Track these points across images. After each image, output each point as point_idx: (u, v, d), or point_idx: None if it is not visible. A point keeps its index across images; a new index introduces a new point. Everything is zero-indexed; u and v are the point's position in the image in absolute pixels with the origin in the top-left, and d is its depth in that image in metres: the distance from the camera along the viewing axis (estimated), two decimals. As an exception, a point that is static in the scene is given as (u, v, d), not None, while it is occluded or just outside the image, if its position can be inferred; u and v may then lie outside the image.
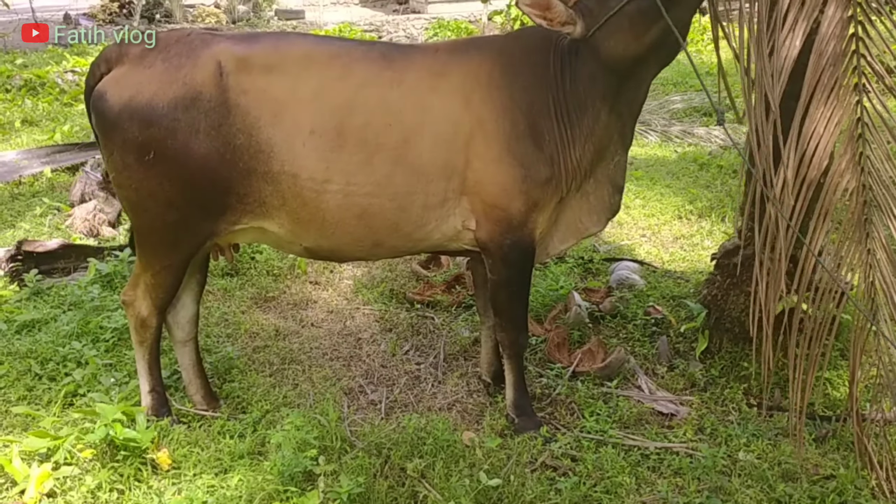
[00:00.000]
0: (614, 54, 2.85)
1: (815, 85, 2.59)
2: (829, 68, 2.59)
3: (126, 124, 2.85)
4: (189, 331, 3.42)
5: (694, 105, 9.18)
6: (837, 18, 2.58)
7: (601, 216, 3.27)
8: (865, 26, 2.60)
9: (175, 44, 2.92)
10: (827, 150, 2.62)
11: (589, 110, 2.97)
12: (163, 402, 3.39)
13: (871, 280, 2.69)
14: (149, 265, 3.16)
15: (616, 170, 3.18)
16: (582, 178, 3.12)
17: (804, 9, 2.56)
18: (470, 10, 19.07)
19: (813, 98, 2.60)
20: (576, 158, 3.03)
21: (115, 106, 2.86)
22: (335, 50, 3.05)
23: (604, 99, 2.96)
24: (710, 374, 3.74)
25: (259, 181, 2.94)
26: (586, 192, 3.20)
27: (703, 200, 6.13)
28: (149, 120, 2.83)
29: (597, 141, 3.03)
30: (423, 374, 3.86)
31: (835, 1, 2.58)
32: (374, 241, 3.12)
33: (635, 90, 3.01)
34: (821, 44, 2.59)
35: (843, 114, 2.61)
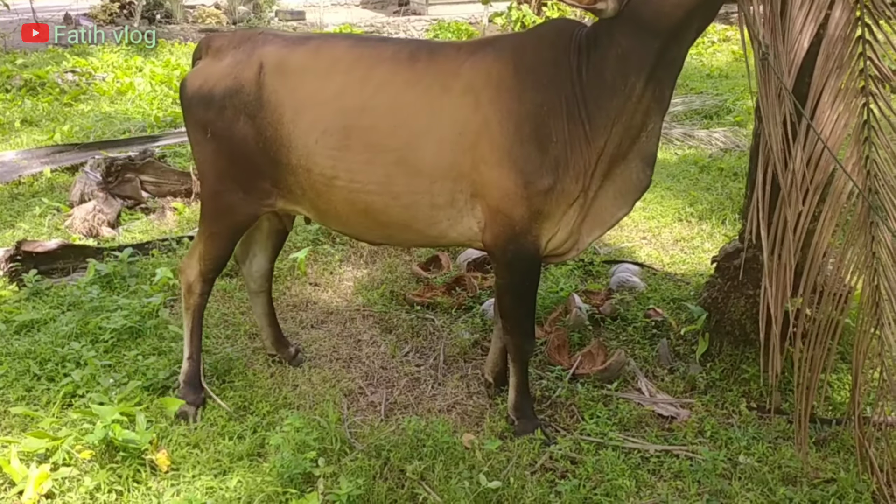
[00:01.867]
0: (662, 11, 2.68)
1: (822, 87, 2.58)
2: (835, 71, 2.58)
3: (195, 108, 3.29)
4: (261, 284, 3.84)
5: (694, 108, 9.19)
6: (844, 21, 2.57)
7: (628, 198, 3.09)
8: (872, 29, 2.59)
9: (244, 42, 3.29)
10: (834, 152, 2.61)
11: (619, 91, 2.82)
12: (196, 373, 3.59)
13: (876, 284, 2.68)
14: (203, 232, 3.52)
15: (648, 140, 2.97)
16: (609, 166, 2.98)
17: (812, 10, 2.55)
18: (470, 12, 19.10)
19: (820, 100, 2.59)
20: (596, 152, 2.92)
21: (189, 91, 3.30)
22: (365, 52, 3.17)
23: (639, 72, 2.78)
24: (710, 377, 3.73)
25: (284, 171, 3.19)
26: (613, 176, 3.03)
27: (704, 203, 6.12)
28: (208, 104, 3.23)
29: (627, 119, 2.87)
30: (423, 376, 3.85)
31: (841, 3, 2.57)
32: (387, 234, 3.28)
33: (678, 50, 2.80)
34: (828, 46, 2.58)
35: (849, 116, 2.60)
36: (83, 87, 10.36)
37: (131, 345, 4.02)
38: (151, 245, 5.31)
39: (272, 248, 3.81)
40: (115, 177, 6.27)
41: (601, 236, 3.31)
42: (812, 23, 2.54)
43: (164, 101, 9.70)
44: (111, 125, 8.74)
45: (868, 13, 2.58)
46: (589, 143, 2.91)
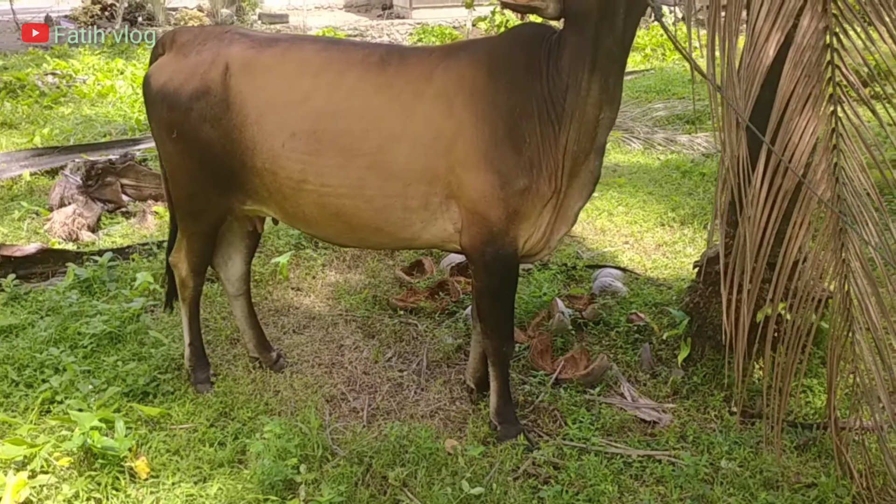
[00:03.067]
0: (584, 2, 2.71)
1: (790, 95, 2.60)
2: (804, 79, 2.60)
3: (159, 105, 3.25)
4: (239, 287, 3.83)
5: (677, 113, 9.24)
6: (813, 29, 2.59)
7: (584, 191, 3.12)
8: (840, 37, 2.61)
9: (210, 39, 3.26)
10: (802, 161, 2.62)
11: (572, 88, 2.86)
12: (200, 355, 3.76)
13: (847, 290, 2.70)
14: (183, 231, 3.57)
15: (600, 128, 2.95)
16: (573, 164, 2.98)
17: (778, 19, 2.56)
18: (454, 16, 19.14)
19: (787, 108, 2.60)
20: (561, 151, 2.94)
21: (153, 88, 3.26)
22: (335, 56, 3.15)
23: (583, 65, 2.80)
24: (692, 382, 3.74)
25: (249, 173, 3.19)
26: (578, 173, 3.04)
27: (686, 208, 6.15)
28: (173, 104, 3.20)
29: (580, 114, 2.89)
30: (406, 382, 3.84)
31: (810, 11, 2.59)
32: (358, 237, 3.28)
33: (612, 38, 2.76)
34: (796, 54, 2.59)
35: (818, 124, 2.62)
36: (64, 89, 10.29)
37: (111, 350, 3.98)
38: (132, 249, 5.26)
39: (247, 251, 3.80)
40: (96, 180, 6.22)
41: (567, 233, 3.34)
42: (778, 31, 2.55)
43: (146, 103, 9.64)
44: (92, 128, 8.68)
45: (837, 22, 2.60)
46: (558, 143, 2.95)
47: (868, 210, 2.66)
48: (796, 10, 2.59)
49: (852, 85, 2.64)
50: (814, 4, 2.61)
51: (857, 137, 2.68)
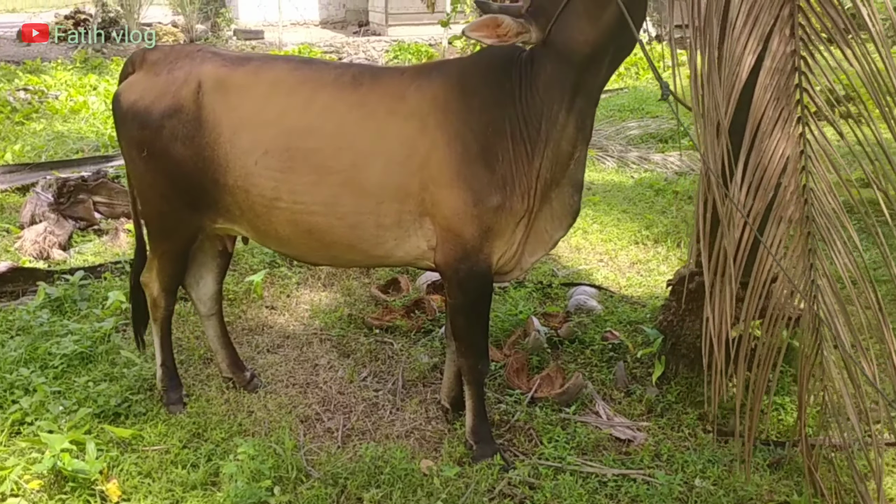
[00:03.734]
0: (573, 45, 2.78)
1: (760, 117, 2.64)
2: (774, 101, 2.65)
3: (129, 123, 3.25)
4: (211, 306, 3.80)
5: (650, 131, 9.33)
6: (781, 53, 2.64)
7: (563, 221, 3.18)
8: (808, 60, 2.66)
9: (181, 57, 3.27)
10: (773, 181, 2.67)
11: (546, 117, 2.91)
12: (172, 375, 3.72)
13: (816, 309, 2.74)
14: (154, 250, 3.55)
15: (576, 167, 3.07)
16: (545, 188, 3.04)
17: (750, 41, 2.61)
18: (430, 34, 19.18)
19: (759, 130, 2.65)
20: (535, 173, 2.98)
21: (123, 106, 3.26)
22: (308, 75, 3.18)
23: (561, 101, 2.88)
24: (666, 400, 3.76)
25: (221, 191, 3.19)
26: (550, 199, 3.11)
27: (659, 226, 6.20)
28: (144, 122, 3.19)
29: (555, 146, 2.95)
30: (381, 401, 3.82)
31: (778, 35, 2.64)
32: (331, 254, 3.28)
33: (594, 79, 2.89)
34: (766, 77, 2.64)
35: (787, 145, 2.66)
36: (35, 105, 10.19)
37: (82, 371, 3.93)
38: (104, 268, 5.20)
39: (219, 270, 3.78)
40: (67, 198, 6.16)
41: (543, 257, 3.36)
42: (751, 54, 2.60)
43: (119, 120, 9.56)
44: (64, 144, 8.60)
45: (804, 46, 2.65)
46: (530, 163, 2.98)
47: (836, 230, 2.71)
48: (766, 33, 2.64)
49: (820, 108, 2.69)
50: (782, 28, 2.66)
51: (825, 159, 2.73)
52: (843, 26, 2.63)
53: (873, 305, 2.66)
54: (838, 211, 2.70)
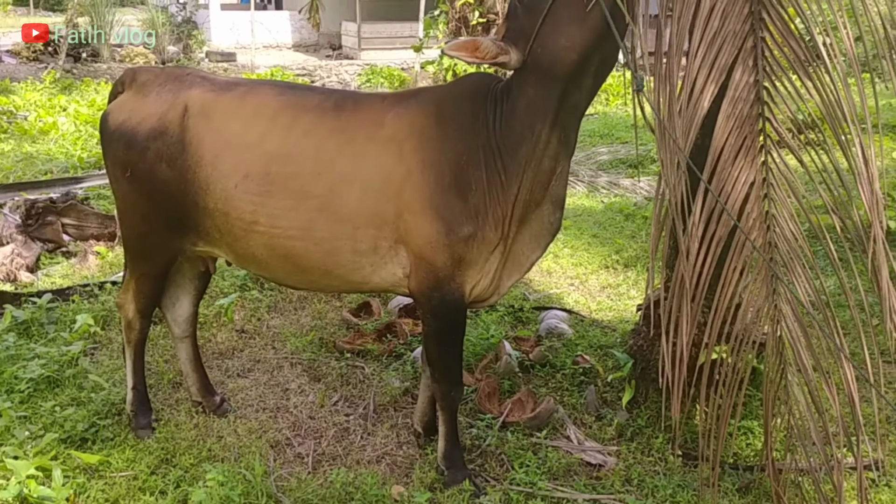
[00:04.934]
0: (559, 55, 2.74)
1: (723, 145, 2.70)
2: (736, 129, 2.71)
3: (115, 143, 3.26)
4: (185, 329, 3.78)
5: (620, 157, 9.46)
6: (744, 82, 2.71)
7: (541, 241, 3.17)
8: (770, 91, 2.73)
9: (171, 80, 3.30)
10: (736, 208, 2.72)
11: (527, 139, 2.90)
12: (143, 399, 3.70)
13: (779, 334, 2.79)
14: (132, 272, 3.54)
15: (557, 183, 3.05)
16: (524, 212, 3.04)
17: (713, 71, 2.67)
18: (403, 58, 19.34)
19: (721, 157, 2.71)
20: (511, 199, 2.99)
21: (111, 126, 3.28)
22: (291, 100, 3.19)
23: (544, 119, 2.87)
24: (636, 424, 3.79)
25: (202, 214, 3.20)
26: (529, 222, 3.11)
27: (629, 250, 6.28)
28: (130, 143, 3.21)
29: (536, 165, 2.95)
30: (352, 426, 3.81)
31: (741, 65, 2.71)
32: (308, 279, 3.29)
33: (579, 95, 2.87)
34: (729, 106, 2.71)
35: (750, 173, 2.73)
36: (4, 125, 10.10)
37: (49, 395, 3.88)
38: (72, 291, 5.15)
39: (196, 292, 3.77)
40: (36, 219, 6.10)
41: (519, 279, 3.38)
42: (713, 84, 2.66)
43: (89, 141, 9.51)
44: (32, 165, 8.52)
45: (767, 76, 2.72)
46: (505, 192, 2.99)
47: (798, 256, 2.77)
48: (728, 64, 2.71)
49: (782, 136, 2.76)
50: (745, 59, 2.73)
51: (787, 186, 2.80)
52: (804, 58, 2.71)
53: (833, 330, 2.72)
54: (799, 237, 2.76)
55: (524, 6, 2.80)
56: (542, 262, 6.06)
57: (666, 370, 2.82)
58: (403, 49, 19.71)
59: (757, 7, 2.69)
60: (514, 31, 2.83)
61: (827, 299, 2.74)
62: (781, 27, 2.73)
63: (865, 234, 2.65)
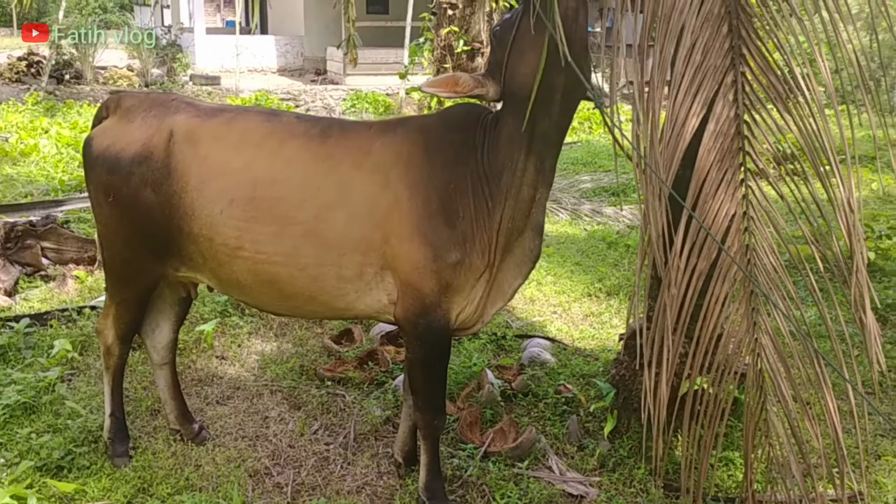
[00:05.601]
0: (525, 80, 2.76)
1: (704, 177, 2.73)
2: (717, 162, 2.74)
3: (98, 168, 3.25)
4: (165, 355, 3.75)
5: (602, 185, 9.52)
6: (725, 116, 2.74)
7: (523, 268, 3.19)
8: (750, 125, 2.77)
9: (156, 106, 3.30)
10: (717, 240, 2.74)
11: (508, 168, 2.95)
12: (120, 427, 3.65)
13: (759, 367, 2.80)
14: (112, 297, 3.51)
15: (536, 209, 3.07)
16: (507, 240, 3.05)
17: (693, 105, 2.71)
18: (388, 84, 19.41)
19: (703, 190, 2.73)
20: (495, 227, 3.01)
21: (94, 151, 3.27)
22: (277, 126, 3.21)
23: (520, 146, 2.91)
24: (618, 455, 3.78)
25: (185, 239, 3.19)
26: (512, 249, 3.12)
27: (612, 279, 6.29)
28: (113, 167, 3.21)
29: (516, 192, 2.97)
30: (332, 455, 3.77)
31: (722, 99, 2.74)
32: (292, 305, 3.27)
33: (549, 122, 2.87)
34: (710, 140, 2.74)
35: (731, 205, 2.75)
36: (-15, 147, 10.03)
37: (25, 422, 3.83)
38: (50, 315, 5.10)
39: (176, 318, 3.74)
40: (15, 242, 6.04)
41: (503, 307, 3.38)
42: (694, 117, 2.69)
43: (71, 164, 9.47)
44: (13, 188, 8.46)
45: (747, 110, 2.76)
46: (491, 219, 3.02)
47: (778, 288, 2.78)
48: (710, 98, 2.74)
49: (762, 170, 2.79)
50: (726, 93, 2.77)
51: (767, 218, 2.82)
52: (783, 91, 2.75)
53: (814, 361, 2.73)
54: (779, 270, 2.78)
55: (497, 39, 2.90)
56: (525, 289, 6.07)
57: (648, 401, 2.81)
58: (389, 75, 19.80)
59: (737, 42, 2.74)
60: (492, 64, 2.93)
61: (808, 330, 2.75)
62: (761, 62, 2.77)
63: (846, 264, 2.68)
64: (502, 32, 2.86)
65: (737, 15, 2.75)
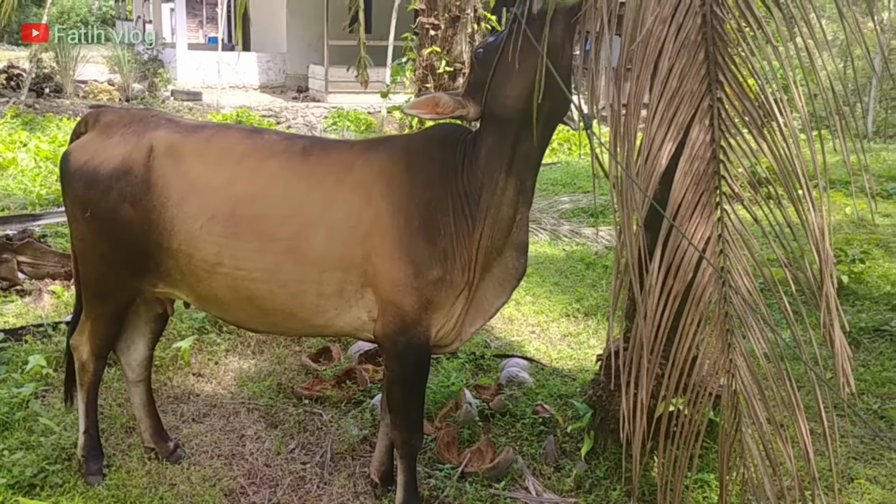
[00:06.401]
0: (507, 102, 2.86)
1: (680, 201, 2.76)
2: (693, 186, 2.78)
3: (76, 183, 3.22)
4: (140, 372, 3.71)
5: (581, 206, 9.57)
6: (701, 141, 2.78)
7: (506, 287, 3.20)
8: (726, 150, 2.81)
9: (136, 122, 3.28)
10: (692, 263, 2.77)
11: (487, 187, 2.98)
12: (95, 444, 3.61)
13: (734, 388, 2.83)
14: (89, 313, 3.47)
15: (518, 230, 3.11)
16: (486, 259, 3.08)
17: (671, 129, 2.74)
18: (370, 102, 19.43)
19: (679, 213, 2.77)
20: (475, 245, 3.03)
21: (72, 166, 3.24)
22: (259, 143, 3.22)
23: (500, 165, 2.95)
24: (594, 475, 3.78)
25: (164, 255, 3.17)
26: (491, 268, 3.15)
27: (590, 299, 6.33)
28: (91, 183, 3.18)
29: (495, 211, 3.00)
30: (309, 475, 3.75)
31: (699, 124, 2.79)
32: (271, 321, 3.26)
33: (530, 143, 2.92)
34: (686, 163, 2.77)
35: (706, 229, 2.78)
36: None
37: (-2, 438, 3.78)
38: (25, 330, 5.05)
39: (152, 335, 3.72)
40: (-10, 257, 5.98)
41: (483, 326, 3.40)
42: (671, 141, 2.73)
43: (49, 178, 9.40)
44: (-11, 201, 8.38)
45: (723, 135, 2.80)
46: (471, 236, 3.05)
47: (752, 310, 2.81)
48: (686, 123, 2.78)
49: (737, 194, 2.83)
50: (702, 119, 2.81)
51: (741, 241, 2.86)
52: (758, 117, 2.79)
53: (787, 383, 2.76)
54: (754, 293, 2.82)
55: (479, 61, 2.96)
56: (504, 309, 6.05)
57: (623, 422, 2.83)
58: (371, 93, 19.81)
59: (713, 68, 2.78)
60: (474, 85, 2.98)
61: (781, 352, 2.78)
62: (736, 87, 2.82)
63: (818, 287, 2.72)
64: (486, 55, 2.92)
65: (713, 41, 2.79)
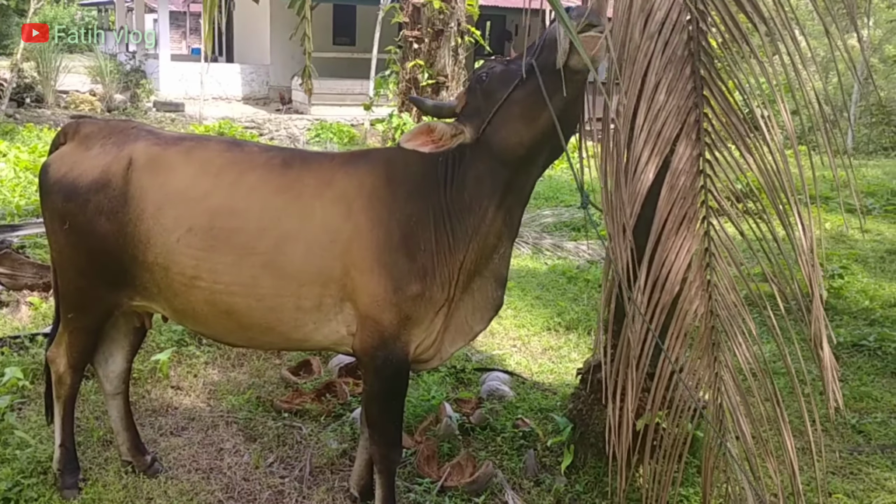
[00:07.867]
0: (508, 146, 2.86)
1: (667, 215, 2.77)
2: (679, 200, 2.78)
3: (54, 195, 3.19)
4: (117, 385, 3.66)
5: (563, 220, 9.59)
6: (688, 156, 2.79)
7: (485, 314, 3.22)
8: (712, 164, 2.82)
9: (116, 133, 3.24)
10: (679, 277, 2.77)
11: (474, 211, 2.97)
12: (71, 458, 3.56)
13: (720, 402, 2.82)
14: (66, 325, 3.42)
15: (500, 262, 3.13)
16: (467, 279, 3.09)
17: (658, 144, 2.75)
18: (353, 115, 19.46)
19: (665, 228, 2.77)
20: (457, 263, 3.02)
21: (51, 178, 3.20)
22: (238, 156, 3.17)
23: (491, 197, 2.95)
24: (574, 490, 3.76)
25: (140, 268, 3.13)
26: (472, 291, 3.15)
27: (571, 313, 6.32)
28: (70, 194, 3.14)
29: (481, 239, 3.00)
30: (287, 489, 3.70)
31: (685, 139, 2.79)
32: (248, 335, 3.23)
33: (525, 180, 2.98)
34: (672, 178, 2.78)
35: (692, 243, 2.79)
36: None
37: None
38: (2, 342, 4.96)
39: (130, 348, 3.67)
40: (-34, 267, 5.89)
41: (462, 347, 3.40)
42: (657, 156, 2.74)
43: (28, 188, 9.28)
44: (-34, 211, 8.26)
45: (709, 149, 2.81)
46: (452, 254, 3.02)
47: (738, 324, 2.82)
48: (672, 137, 2.79)
49: (723, 208, 2.84)
50: (688, 133, 2.82)
51: (727, 255, 2.86)
52: (743, 131, 2.81)
53: (772, 398, 2.76)
54: (740, 306, 2.82)
55: (483, 90, 2.90)
56: (485, 322, 6.06)
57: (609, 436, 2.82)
58: (354, 106, 19.86)
59: (700, 83, 2.79)
60: (471, 109, 2.93)
61: (766, 366, 2.78)
62: (722, 102, 2.83)
63: (803, 301, 2.72)
64: (492, 84, 2.87)
65: (699, 57, 2.81)
